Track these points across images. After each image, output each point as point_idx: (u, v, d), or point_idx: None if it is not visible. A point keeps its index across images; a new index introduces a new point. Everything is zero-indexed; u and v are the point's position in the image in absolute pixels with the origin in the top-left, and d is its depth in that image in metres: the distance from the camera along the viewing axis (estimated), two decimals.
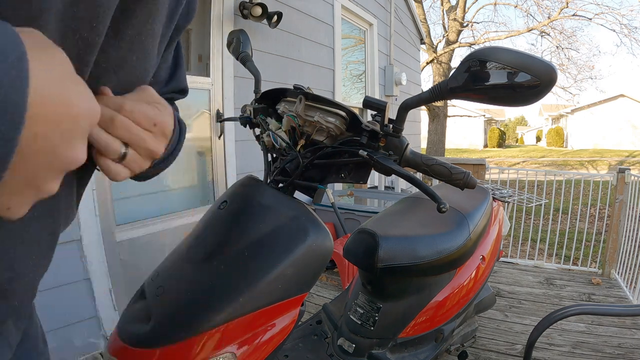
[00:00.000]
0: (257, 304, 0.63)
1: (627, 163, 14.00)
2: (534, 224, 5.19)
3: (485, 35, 11.96)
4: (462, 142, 26.74)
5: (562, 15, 11.22)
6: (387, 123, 0.74)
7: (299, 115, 0.79)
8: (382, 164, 0.71)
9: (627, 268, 2.68)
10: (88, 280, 1.72)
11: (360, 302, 1.26)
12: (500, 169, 3.98)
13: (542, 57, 0.57)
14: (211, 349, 0.60)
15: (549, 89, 0.55)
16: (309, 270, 0.68)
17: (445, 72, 10.76)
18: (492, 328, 2.03)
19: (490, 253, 1.45)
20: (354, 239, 1.20)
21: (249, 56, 1.01)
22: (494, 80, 0.57)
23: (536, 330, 1.11)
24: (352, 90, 4.65)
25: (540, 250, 3.72)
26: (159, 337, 0.60)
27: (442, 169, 0.72)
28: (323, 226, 0.71)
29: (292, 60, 3.16)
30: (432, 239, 1.18)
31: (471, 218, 1.30)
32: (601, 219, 5.16)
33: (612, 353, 1.79)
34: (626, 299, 2.45)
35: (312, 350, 1.23)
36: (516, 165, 15.07)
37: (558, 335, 1.94)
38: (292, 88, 0.84)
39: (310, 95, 0.79)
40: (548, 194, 3.49)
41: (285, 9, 2.82)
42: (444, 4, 11.65)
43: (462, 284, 1.29)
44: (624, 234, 2.81)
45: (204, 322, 0.60)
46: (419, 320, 1.22)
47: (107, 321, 1.77)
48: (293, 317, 0.68)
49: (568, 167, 15.14)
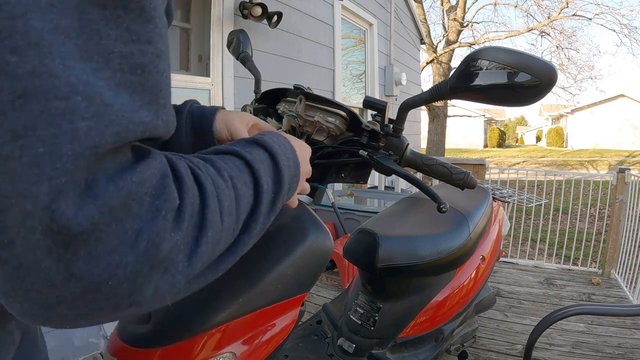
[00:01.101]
0: (257, 304, 0.63)
1: (627, 163, 14.01)
2: (534, 224, 5.19)
3: (485, 35, 11.96)
4: (462, 142, 26.74)
5: (562, 15, 11.22)
6: (387, 123, 0.74)
7: (299, 115, 0.79)
8: (382, 164, 0.71)
9: (627, 268, 2.68)
10: None
11: (360, 302, 1.26)
12: (500, 169, 3.99)
13: (542, 57, 0.57)
14: (211, 349, 0.60)
15: (549, 89, 0.55)
16: (309, 270, 0.68)
17: (445, 72, 10.76)
18: (492, 328, 2.03)
19: (490, 253, 1.45)
20: (354, 239, 1.20)
21: (249, 56, 1.01)
22: (494, 80, 0.57)
23: (536, 330, 1.11)
24: (352, 90, 4.65)
25: (540, 250, 3.72)
26: (159, 337, 0.60)
27: (442, 169, 0.72)
28: (323, 226, 0.71)
29: (292, 60, 3.16)
30: (432, 239, 1.18)
31: (471, 218, 1.30)
32: (601, 219, 5.16)
33: (612, 353, 1.79)
34: (626, 299, 2.45)
35: (312, 350, 1.23)
36: (516, 165, 15.08)
37: (558, 335, 1.94)
38: (292, 88, 0.84)
39: (310, 95, 0.79)
40: (548, 194, 3.49)
41: (285, 9, 2.82)
42: (444, 4, 11.65)
43: (462, 284, 1.29)
44: (624, 234, 2.81)
45: (204, 322, 0.60)
46: (419, 320, 1.22)
47: None
48: (293, 317, 0.68)
49: (568, 167, 15.14)
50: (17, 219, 0.21)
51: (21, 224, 0.22)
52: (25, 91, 0.21)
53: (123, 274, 0.25)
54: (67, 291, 0.24)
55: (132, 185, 0.25)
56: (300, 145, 0.52)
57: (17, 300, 0.24)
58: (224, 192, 0.32)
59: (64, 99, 0.21)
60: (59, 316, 0.25)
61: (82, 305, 0.25)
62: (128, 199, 0.24)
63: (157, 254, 0.26)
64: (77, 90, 0.22)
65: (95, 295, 0.24)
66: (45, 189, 0.21)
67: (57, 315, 0.25)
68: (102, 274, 0.24)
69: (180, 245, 0.28)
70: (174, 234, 0.27)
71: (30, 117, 0.21)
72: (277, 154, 0.41)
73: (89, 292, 0.24)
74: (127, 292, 0.25)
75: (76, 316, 0.25)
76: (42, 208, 0.21)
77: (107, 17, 0.24)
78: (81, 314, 0.25)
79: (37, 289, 0.23)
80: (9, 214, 0.21)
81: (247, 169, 0.37)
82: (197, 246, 0.29)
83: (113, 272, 0.24)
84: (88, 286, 0.24)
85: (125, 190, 0.24)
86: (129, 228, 0.25)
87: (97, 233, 0.23)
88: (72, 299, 0.24)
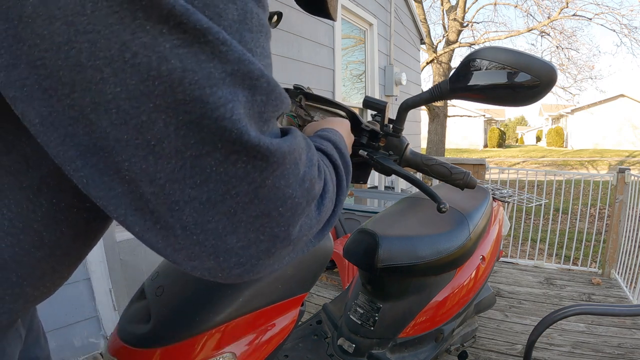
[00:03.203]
0: (257, 304, 0.63)
1: (627, 163, 14.01)
2: (534, 224, 5.19)
3: (485, 35, 11.96)
4: (462, 142, 26.74)
5: (562, 15, 11.22)
6: (387, 123, 0.74)
7: (299, 115, 0.79)
8: (382, 164, 0.71)
9: (627, 268, 2.68)
10: (88, 280, 1.72)
11: (360, 302, 1.26)
12: (500, 169, 3.98)
13: (542, 57, 0.57)
14: (211, 349, 0.60)
15: (549, 89, 0.55)
16: (309, 270, 0.69)
17: (445, 72, 10.76)
18: (492, 328, 2.03)
19: (490, 253, 1.45)
20: (354, 239, 1.20)
21: None
22: (494, 80, 0.57)
23: (536, 330, 1.11)
24: (352, 90, 4.65)
25: (540, 250, 3.72)
26: (159, 337, 0.60)
27: (442, 169, 0.72)
28: None
29: (292, 60, 3.16)
30: (432, 239, 1.18)
31: (471, 218, 1.30)
32: (601, 219, 5.17)
33: (612, 353, 1.79)
34: (626, 299, 2.45)
35: (312, 350, 1.23)
36: (516, 165, 15.08)
37: (558, 335, 1.94)
38: (292, 88, 0.84)
39: (310, 95, 0.79)
40: (548, 194, 3.49)
41: (285, 9, 2.83)
42: (444, 4, 11.65)
43: (462, 284, 1.29)
44: (624, 234, 2.81)
45: (204, 322, 0.60)
46: (419, 320, 1.22)
47: (107, 321, 1.77)
48: (293, 317, 0.68)
49: (568, 167, 15.14)
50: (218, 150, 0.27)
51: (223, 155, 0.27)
52: (232, 71, 0.27)
53: (291, 204, 0.31)
54: (248, 212, 0.29)
55: (293, 140, 0.32)
56: (341, 127, 0.60)
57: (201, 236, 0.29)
58: (323, 166, 0.40)
59: (256, 79, 0.29)
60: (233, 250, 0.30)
61: (252, 229, 0.30)
62: (295, 149, 0.32)
63: (312, 192, 0.34)
64: (263, 74, 0.29)
65: (264, 221, 0.30)
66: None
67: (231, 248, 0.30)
68: (277, 200, 0.30)
69: (319, 191, 0.36)
70: (319, 181, 0.35)
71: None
72: (338, 142, 0.50)
73: (262, 217, 0.30)
74: (286, 222, 0.31)
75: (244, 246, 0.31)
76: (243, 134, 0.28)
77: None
78: (248, 239, 0.30)
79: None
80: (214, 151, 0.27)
81: (324, 156, 0.45)
82: (323, 199, 0.37)
83: (284, 200, 0.31)
84: (264, 209, 0.30)
85: (292, 142, 0.32)
86: (299, 171, 0.32)
87: (282, 167, 0.30)
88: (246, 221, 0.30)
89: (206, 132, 0.26)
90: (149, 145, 0.26)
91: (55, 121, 0.26)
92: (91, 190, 0.28)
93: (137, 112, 0.25)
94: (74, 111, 0.25)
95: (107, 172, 0.27)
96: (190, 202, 0.27)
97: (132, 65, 0.24)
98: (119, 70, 0.24)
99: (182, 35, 0.25)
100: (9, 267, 0.33)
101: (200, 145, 0.26)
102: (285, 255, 0.34)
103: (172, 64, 0.25)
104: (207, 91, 0.26)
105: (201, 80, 0.26)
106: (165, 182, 0.27)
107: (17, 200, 0.32)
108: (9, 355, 0.39)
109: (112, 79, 0.24)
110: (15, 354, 0.40)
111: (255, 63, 0.28)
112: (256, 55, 0.30)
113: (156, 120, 0.25)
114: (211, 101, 0.26)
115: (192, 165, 0.27)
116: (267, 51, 0.33)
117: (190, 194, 0.27)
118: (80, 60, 0.24)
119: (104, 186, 0.27)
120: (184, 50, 0.25)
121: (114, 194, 0.28)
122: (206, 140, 0.26)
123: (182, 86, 0.25)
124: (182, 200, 0.27)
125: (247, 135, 0.27)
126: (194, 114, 0.26)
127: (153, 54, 0.24)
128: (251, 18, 0.30)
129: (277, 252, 0.32)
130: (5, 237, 0.32)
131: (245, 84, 0.28)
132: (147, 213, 0.28)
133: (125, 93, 0.25)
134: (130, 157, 0.26)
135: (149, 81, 0.25)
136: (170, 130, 0.26)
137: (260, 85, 0.29)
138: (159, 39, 0.24)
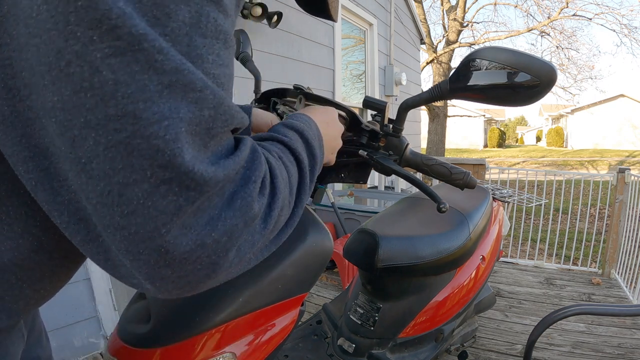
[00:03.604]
0: (257, 304, 0.63)
1: (627, 163, 14.00)
2: (534, 224, 5.19)
3: (485, 35, 11.96)
4: (462, 142, 26.73)
5: (562, 15, 11.21)
6: (387, 123, 0.74)
7: None
8: (382, 164, 0.71)
9: (627, 268, 2.68)
10: (88, 280, 1.72)
11: (360, 302, 1.26)
12: (500, 169, 3.98)
13: (542, 57, 0.57)
14: (211, 349, 0.60)
15: (549, 89, 0.55)
16: (309, 270, 0.68)
17: (445, 72, 10.75)
18: (492, 328, 2.03)
19: (490, 253, 1.45)
20: (354, 239, 1.20)
21: (249, 56, 1.01)
22: (494, 80, 0.57)
23: (536, 330, 1.10)
24: (352, 90, 4.65)
25: (540, 250, 3.72)
26: (159, 337, 0.60)
27: (442, 169, 0.72)
28: (323, 226, 0.71)
29: (292, 60, 3.16)
30: (432, 239, 1.18)
31: (471, 218, 1.30)
32: (601, 219, 5.16)
33: (612, 353, 1.79)
34: (626, 299, 2.45)
35: (312, 350, 1.23)
36: (516, 165, 15.07)
37: (558, 335, 1.94)
38: (292, 88, 0.84)
39: (310, 95, 0.79)
40: (548, 194, 3.49)
41: (285, 9, 2.82)
42: (444, 4, 11.65)
43: (462, 284, 1.29)
44: (624, 234, 2.81)
45: (204, 322, 0.60)
46: (419, 320, 1.22)
47: (107, 321, 1.77)
48: (293, 317, 0.68)
49: (568, 167, 15.14)
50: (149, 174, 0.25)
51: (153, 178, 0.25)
52: (170, 83, 0.25)
53: (222, 228, 0.29)
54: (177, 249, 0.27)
55: (235, 159, 0.30)
56: (322, 114, 0.57)
57: (132, 258, 0.27)
58: (280, 168, 0.38)
59: (199, 91, 0.26)
60: (166, 279, 0.28)
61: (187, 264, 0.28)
62: (235, 171, 0.30)
63: (250, 212, 0.31)
64: (207, 85, 0.27)
65: (199, 253, 0.28)
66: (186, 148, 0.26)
67: (164, 277, 0.28)
68: (205, 227, 0.28)
69: (261, 207, 0.33)
70: (260, 199, 0.33)
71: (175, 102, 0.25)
72: (305, 131, 0.47)
73: (196, 249, 0.28)
74: (223, 248, 0.29)
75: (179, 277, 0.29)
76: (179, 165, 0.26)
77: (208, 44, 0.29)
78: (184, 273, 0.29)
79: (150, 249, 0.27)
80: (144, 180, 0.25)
81: (287, 150, 0.42)
82: (270, 211, 0.35)
83: (215, 225, 0.29)
84: (196, 239, 0.28)
85: (232, 164, 0.30)
86: (228, 190, 0.30)
87: (213, 191, 0.28)
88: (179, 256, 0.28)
89: (135, 157, 0.24)
90: (80, 162, 0.24)
91: (15, 120, 0.26)
92: (38, 193, 0.27)
93: (71, 125, 0.24)
94: (31, 112, 0.25)
95: (56, 177, 0.26)
96: (121, 230, 0.26)
97: (66, 74, 0.23)
98: (56, 79, 0.23)
99: (114, 43, 0.23)
100: (8, 269, 0.34)
101: (128, 172, 0.24)
102: (227, 275, 0.33)
103: (104, 76, 0.23)
104: (141, 106, 0.24)
105: (135, 94, 0.24)
106: (96, 203, 0.25)
107: (16, 206, 0.32)
108: (11, 354, 0.39)
109: (50, 87, 0.23)
110: (17, 353, 0.40)
111: (196, 73, 0.26)
112: (206, 63, 0.27)
113: (87, 137, 0.24)
114: (144, 117, 0.24)
115: (120, 194, 0.25)
116: (225, 60, 0.30)
117: (120, 223, 0.25)
118: (32, 64, 0.24)
119: (51, 191, 0.27)
120: (115, 60, 0.23)
121: (60, 200, 0.27)
122: (135, 167, 0.24)
123: (115, 100, 0.23)
124: (112, 226, 0.26)
125: (181, 159, 0.25)
126: (124, 132, 0.24)
127: (85, 64, 0.23)
128: (206, 22, 0.27)
129: (216, 276, 0.31)
130: (5, 241, 0.33)
131: (188, 97, 0.25)
132: (89, 225, 0.27)
133: (60, 103, 0.23)
134: (69, 169, 0.25)
135: (81, 93, 0.23)
136: (99, 151, 0.24)
137: (205, 98, 0.27)
138: (89, 47, 0.23)
